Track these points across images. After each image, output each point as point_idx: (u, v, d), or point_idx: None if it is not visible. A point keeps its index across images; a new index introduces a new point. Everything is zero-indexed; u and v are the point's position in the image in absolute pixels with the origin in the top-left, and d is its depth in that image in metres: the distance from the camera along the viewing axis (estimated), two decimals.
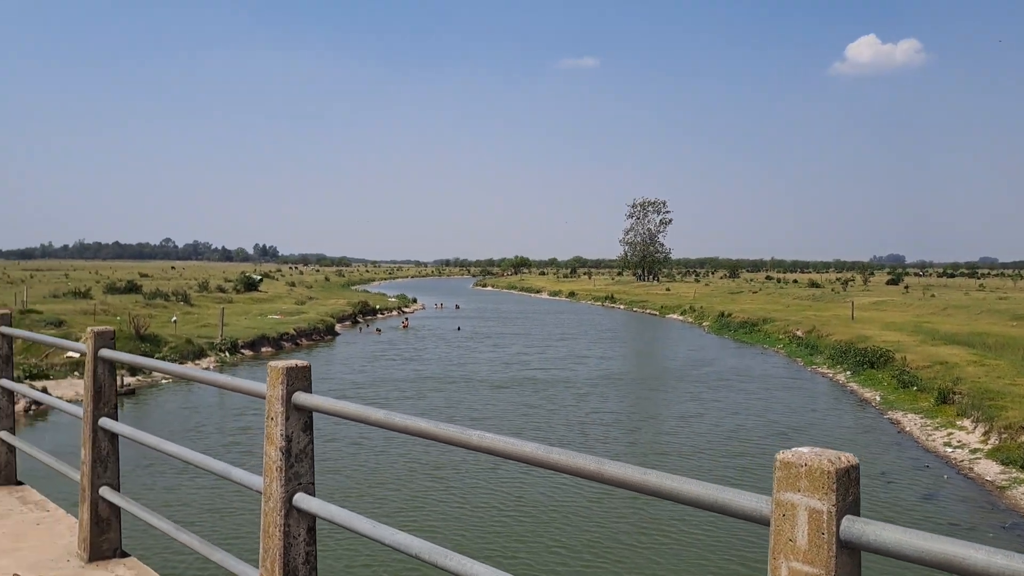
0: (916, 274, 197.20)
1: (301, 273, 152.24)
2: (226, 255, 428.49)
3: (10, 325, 4.63)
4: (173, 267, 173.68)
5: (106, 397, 3.51)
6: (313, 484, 2.54)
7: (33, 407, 22.34)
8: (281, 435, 2.48)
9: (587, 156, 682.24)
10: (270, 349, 36.83)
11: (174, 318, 36.74)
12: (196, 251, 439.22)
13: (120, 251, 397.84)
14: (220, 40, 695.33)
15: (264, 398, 2.58)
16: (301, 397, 2.51)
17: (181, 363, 30.20)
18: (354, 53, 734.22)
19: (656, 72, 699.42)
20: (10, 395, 4.73)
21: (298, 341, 40.00)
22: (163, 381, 27.29)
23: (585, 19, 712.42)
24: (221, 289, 63.06)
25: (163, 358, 30.15)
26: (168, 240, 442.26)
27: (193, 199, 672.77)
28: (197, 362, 31.20)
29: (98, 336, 3.44)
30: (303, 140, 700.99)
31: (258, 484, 2.64)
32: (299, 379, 2.54)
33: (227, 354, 33.11)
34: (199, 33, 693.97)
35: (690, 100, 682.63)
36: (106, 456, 3.70)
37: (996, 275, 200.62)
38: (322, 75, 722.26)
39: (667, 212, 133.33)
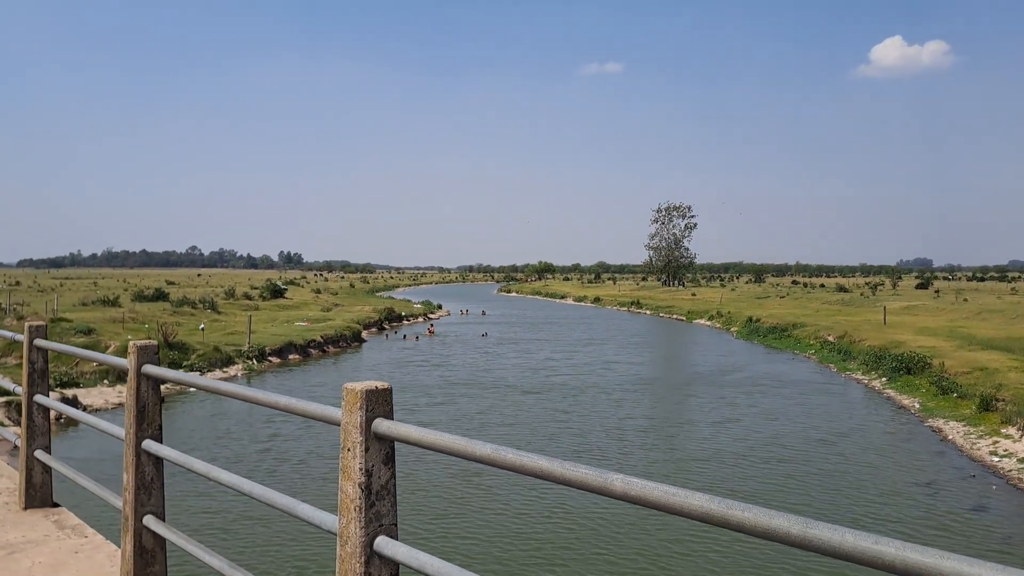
0: (945, 278, 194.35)
1: (326, 280, 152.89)
2: (251, 262, 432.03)
3: (46, 337, 4.42)
4: (199, 275, 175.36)
5: (150, 417, 3.22)
6: (396, 526, 2.22)
7: (63, 416, 22.38)
8: (360, 469, 2.17)
9: (610, 161, 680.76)
10: (297, 356, 36.80)
11: (202, 326, 36.82)
12: (222, 259, 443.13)
13: (147, 259, 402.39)
14: (245, 48, 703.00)
15: (338, 424, 2.28)
16: (383, 425, 2.20)
17: (209, 371, 30.24)
18: (378, 60, 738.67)
19: (679, 77, 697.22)
20: (45, 411, 4.51)
21: (325, 348, 39.93)
22: (191, 388, 27.25)
23: (609, 25, 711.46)
24: (247, 296, 63.33)
25: (191, 366, 30.16)
26: (194, 248, 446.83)
27: (218, 207, 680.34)
28: (225, 370, 31.19)
29: (141, 351, 3.18)
30: (326, 147, 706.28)
31: (331, 524, 2.35)
32: (380, 403, 2.23)
33: (254, 362, 33.08)
34: (224, 41, 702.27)
35: (713, 105, 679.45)
36: (150, 482, 3.40)
37: None
38: (346, 83, 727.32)
39: (692, 217, 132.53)
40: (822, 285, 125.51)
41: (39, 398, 4.37)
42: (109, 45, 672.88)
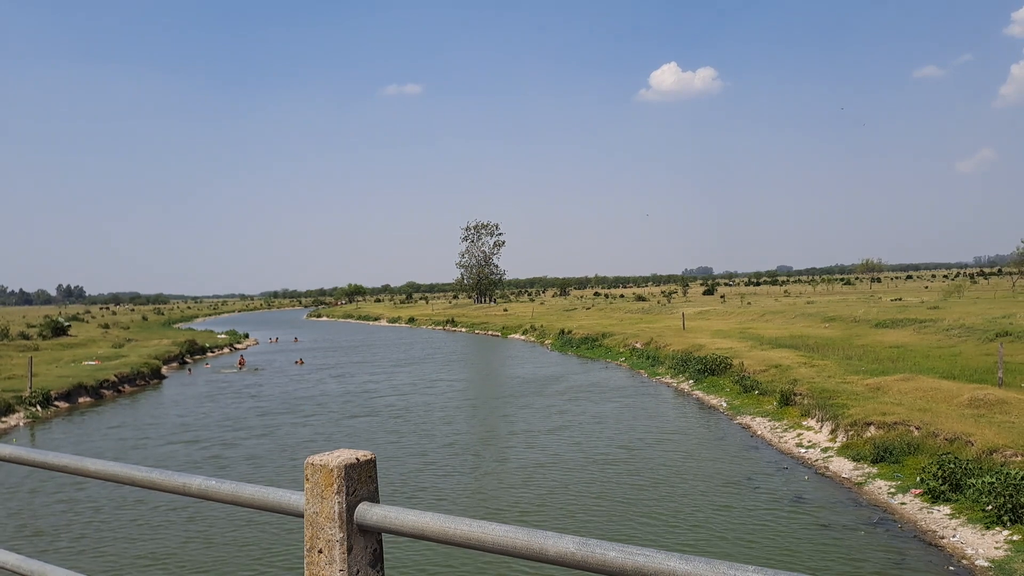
0: (726, 284, 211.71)
1: (114, 314, 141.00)
2: (24, 298, 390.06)
3: None
4: None
5: None
6: None
7: None
8: None
9: (415, 182, 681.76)
10: (89, 399, 33.32)
11: None
12: None
13: None
14: (17, 60, 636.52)
15: (299, 515, 1.67)
16: (371, 513, 1.61)
17: None
18: (170, 78, 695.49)
19: (473, 101, 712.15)
20: None
21: (120, 388, 36.50)
22: None
23: (408, 49, 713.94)
24: (24, 336, 56.83)
25: None
26: None
27: None
28: (4, 419, 27.59)
29: None
30: (107, 171, 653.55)
31: None
32: (363, 482, 1.63)
33: (39, 408, 29.55)
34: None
35: (511, 126, 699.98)
36: None
37: (795, 281, 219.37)
38: (122, 98, 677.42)
39: (500, 234, 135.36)
40: (622, 295, 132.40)
41: None
42: None
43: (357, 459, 1.64)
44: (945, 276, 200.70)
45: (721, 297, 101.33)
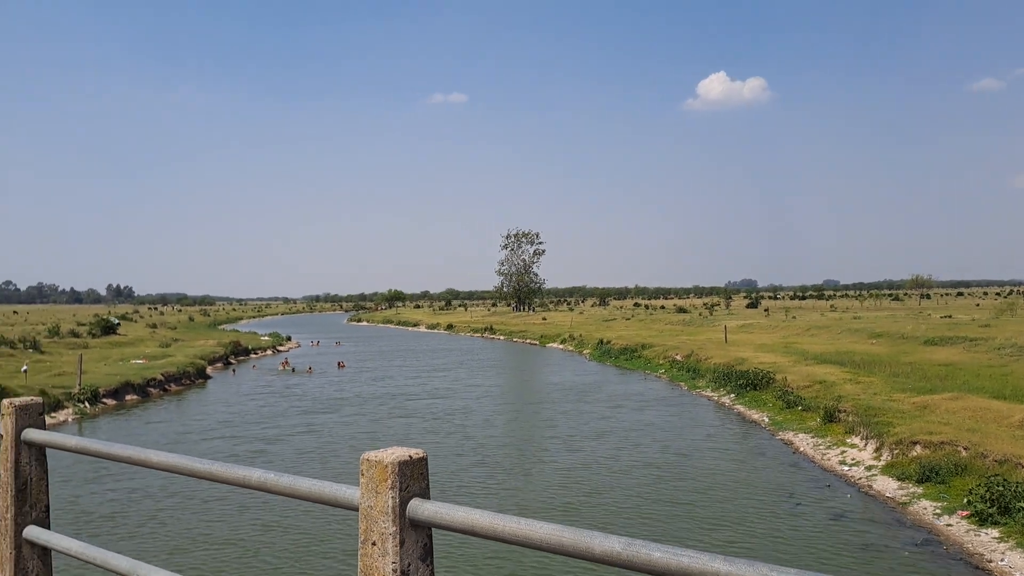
0: (770, 297, 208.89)
1: (162, 314, 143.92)
2: (75, 297, 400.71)
3: None
4: (15, 311, 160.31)
5: (34, 497, 2.47)
6: None
7: None
8: (394, 570, 1.61)
9: (456, 189, 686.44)
10: (135, 397, 34.07)
11: (24, 367, 33.35)
12: (41, 294, 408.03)
13: None
14: (67, 70, 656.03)
15: (354, 509, 1.72)
16: (423, 508, 1.66)
17: None
18: (213, 85, 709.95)
19: (522, 108, 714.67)
20: None
21: (166, 387, 37.26)
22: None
23: (452, 58, 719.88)
24: (75, 334, 58.31)
25: None
26: (8, 283, 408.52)
27: (36, 238, 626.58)
28: (53, 415, 28.33)
29: (21, 412, 2.45)
30: (157, 173, 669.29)
31: None
32: (415, 479, 1.68)
33: (87, 405, 30.29)
34: (43, 63, 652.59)
35: (555, 136, 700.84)
36: None
37: (841, 296, 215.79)
38: (180, 106, 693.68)
39: (540, 243, 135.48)
40: (662, 307, 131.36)
41: None
42: None
43: (410, 456, 1.69)
44: (997, 293, 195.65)
45: (765, 310, 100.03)
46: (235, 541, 13.99)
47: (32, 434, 2.50)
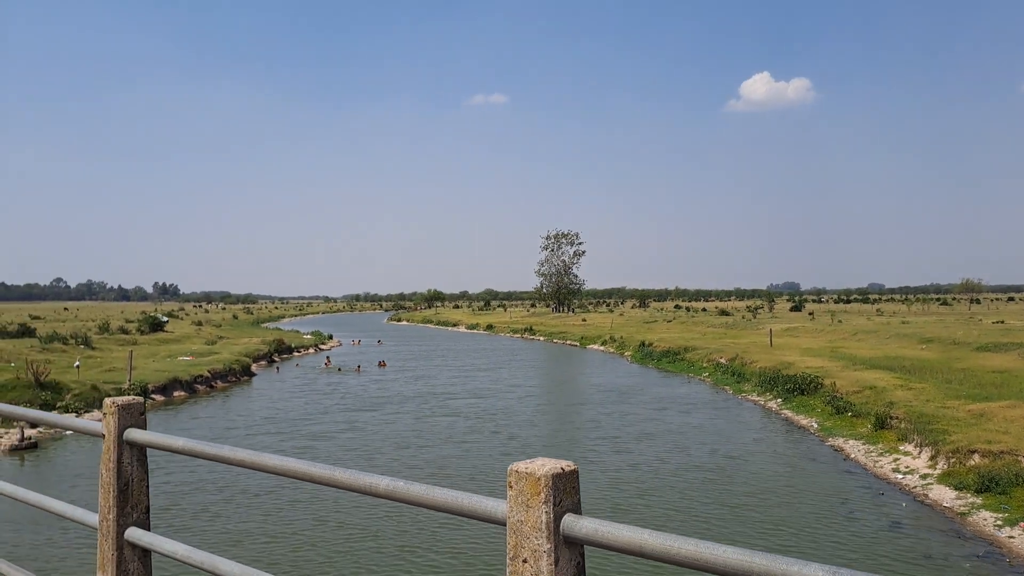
0: (814, 300, 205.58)
1: (207, 311, 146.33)
2: (123, 294, 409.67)
3: None
4: (66, 308, 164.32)
5: (135, 498, 2.43)
6: None
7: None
8: None
9: (495, 190, 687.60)
10: (183, 393, 34.64)
11: (77, 363, 34.10)
12: (90, 291, 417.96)
13: (6, 292, 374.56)
14: (115, 70, 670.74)
15: (500, 523, 1.61)
16: (577, 524, 1.54)
17: (87, 412, 27.89)
18: (260, 86, 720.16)
19: (562, 108, 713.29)
20: None
21: (213, 384, 37.82)
22: (67, 433, 24.99)
23: (494, 58, 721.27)
24: (123, 330, 59.52)
25: (66, 407, 27.77)
26: (59, 280, 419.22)
27: (85, 237, 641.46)
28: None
29: (123, 411, 2.42)
30: (202, 173, 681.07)
31: None
32: (568, 492, 1.57)
33: None
34: (92, 61, 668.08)
35: (596, 136, 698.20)
36: None
37: (887, 300, 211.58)
38: (224, 107, 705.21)
39: (580, 244, 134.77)
40: (704, 309, 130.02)
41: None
42: None
43: (562, 469, 1.58)
44: None
45: (810, 314, 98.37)
46: (345, 548, 13.83)
47: (134, 434, 2.47)
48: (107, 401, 2.52)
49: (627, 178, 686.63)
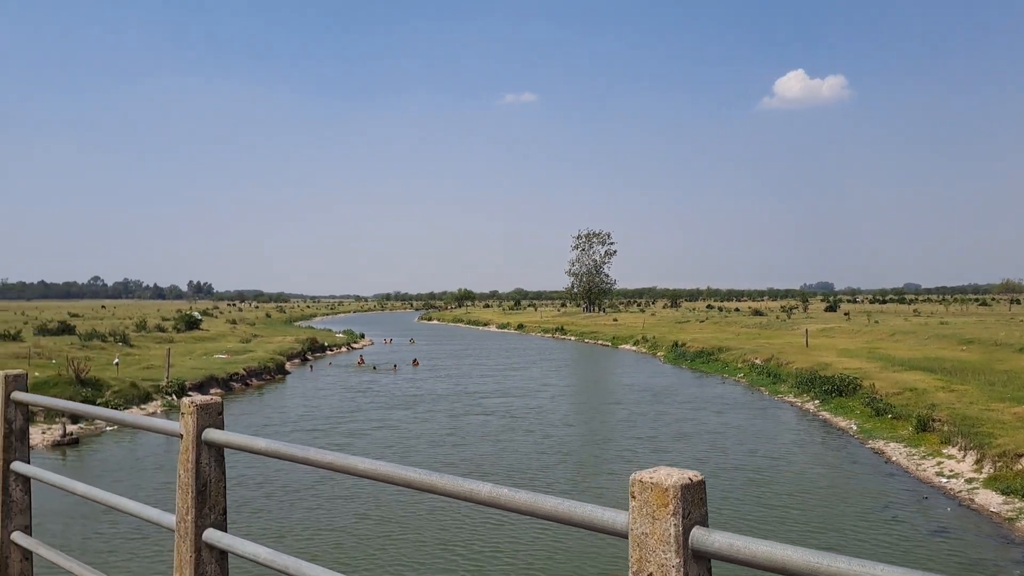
0: (849, 300, 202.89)
1: (240, 310, 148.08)
2: (158, 293, 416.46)
3: (26, 388, 3.59)
4: (103, 306, 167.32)
5: (213, 499, 2.42)
6: None
7: None
8: None
9: (524, 189, 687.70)
10: (219, 390, 34.99)
11: (116, 360, 34.63)
12: (127, 289, 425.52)
13: (45, 291, 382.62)
14: (148, 70, 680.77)
15: (622, 535, 1.52)
16: (708, 538, 1.45)
17: (127, 408, 28.31)
18: (291, 86, 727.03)
19: (589, 111, 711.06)
20: (25, 483, 3.78)
21: (248, 381, 38.20)
22: (108, 428, 25.39)
23: (523, 57, 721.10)
24: (160, 328, 60.42)
25: (106, 403, 28.20)
26: (96, 278, 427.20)
27: (122, 236, 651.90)
28: (143, 407, 29.33)
29: (202, 411, 2.41)
30: (235, 174, 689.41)
31: None
32: (696, 504, 1.48)
33: (174, 397, 31.24)
34: (124, 61, 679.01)
35: (627, 135, 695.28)
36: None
37: (924, 300, 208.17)
38: (256, 108, 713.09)
39: (611, 243, 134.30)
40: (737, 309, 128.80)
41: (18, 466, 3.52)
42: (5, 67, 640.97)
43: (690, 479, 1.48)
44: None
45: (845, 314, 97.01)
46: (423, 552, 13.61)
47: (213, 434, 2.45)
48: (185, 400, 2.50)
49: (658, 176, 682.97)
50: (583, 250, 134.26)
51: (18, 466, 3.72)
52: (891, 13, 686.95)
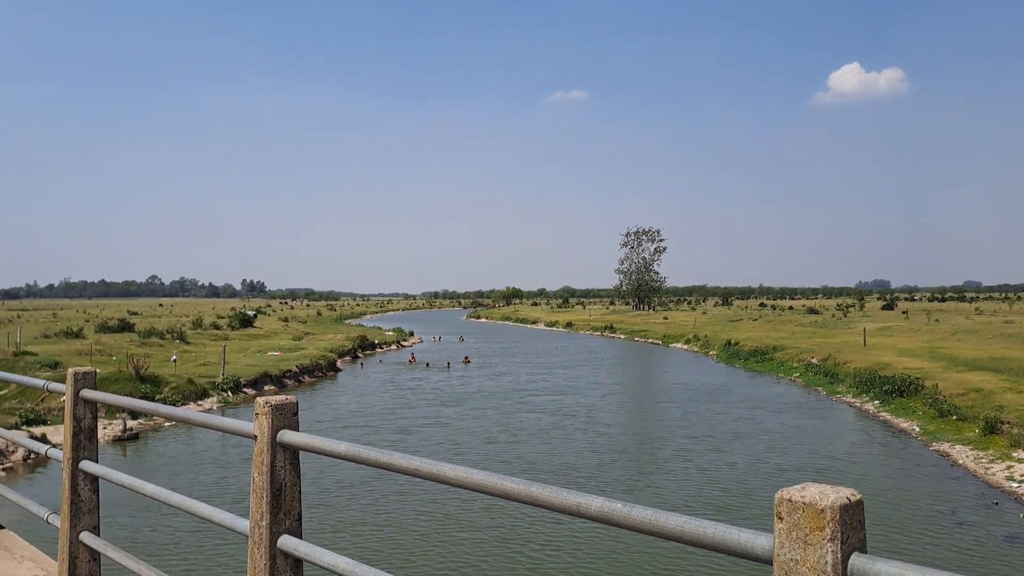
0: (906, 298, 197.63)
1: (292, 308, 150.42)
2: (213, 291, 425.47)
3: (95, 386, 3.56)
4: (160, 304, 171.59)
5: (288, 504, 2.30)
6: None
7: (32, 455, 20.95)
8: None
9: (573, 187, 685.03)
10: (273, 387, 35.47)
11: (174, 357, 35.35)
12: (183, 288, 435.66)
13: (106, 289, 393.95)
14: (206, 73, 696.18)
15: (766, 561, 1.33)
16: (872, 568, 1.26)
17: (184, 404, 28.85)
18: (343, 86, 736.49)
19: (642, 105, 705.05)
20: (94, 482, 3.76)
21: (300, 379, 38.66)
22: (166, 424, 25.87)
23: (574, 54, 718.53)
24: (216, 326, 61.58)
25: (164, 399, 28.77)
26: (154, 277, 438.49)
27: (179, 236, 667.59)
28: (199, 403, 29.85)
29: (277, 411, 2.32)
30: (288, 173, 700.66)
31: None
32: (855, 527, 1.31)
33: (230, 394, 31.75)
34: (185, 66, 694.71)
35: (674, 132, 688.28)
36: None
37: (985, 298, 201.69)
38: (309, 109, 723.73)
39: (661, 241, 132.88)
40: (790, 307, 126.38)
41: (87, 465, 3.48)
42: (64, 64, 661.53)
43: (848, 499, 1.28)
44: None
45: (903, 313, 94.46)
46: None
47: (288, 436, 2.34)
48: (259, 400, 2.40)
49: (708, 173, 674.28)
50: (632, 248, 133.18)
51: (87, 465, 3.69)
52: (951, 1, 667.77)
